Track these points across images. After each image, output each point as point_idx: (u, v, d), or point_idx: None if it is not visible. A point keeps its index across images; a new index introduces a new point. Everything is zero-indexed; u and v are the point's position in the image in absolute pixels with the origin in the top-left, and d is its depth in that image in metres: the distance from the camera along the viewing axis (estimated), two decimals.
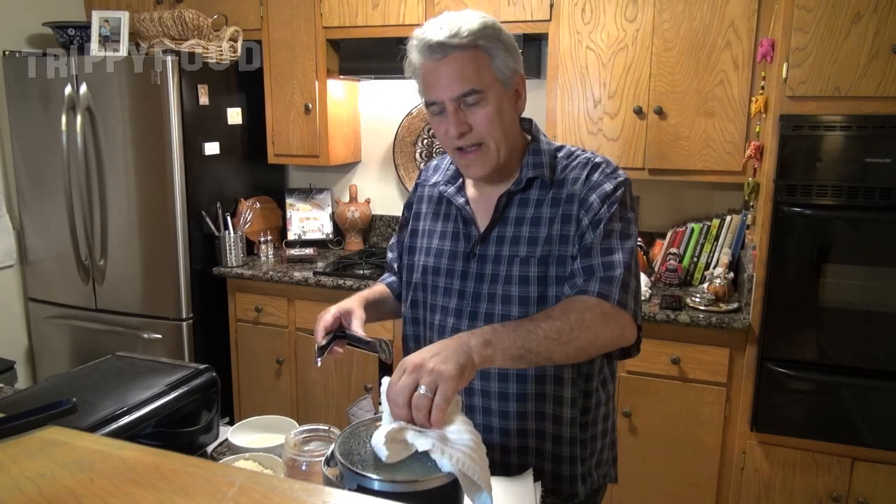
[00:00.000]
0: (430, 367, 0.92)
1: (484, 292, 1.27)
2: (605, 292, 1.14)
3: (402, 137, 3.26)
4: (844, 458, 2.22)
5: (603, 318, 1.13)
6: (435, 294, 1.33)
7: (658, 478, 2.49)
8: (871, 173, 2.05)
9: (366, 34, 2.88)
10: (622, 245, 1.20)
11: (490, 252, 1.27)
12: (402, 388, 0.92)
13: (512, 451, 1.30)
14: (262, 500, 0.66)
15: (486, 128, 1.20)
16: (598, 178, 1.24)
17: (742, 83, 2.41)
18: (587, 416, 1.32)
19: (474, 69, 1.16)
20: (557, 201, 1.24)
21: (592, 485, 1.35)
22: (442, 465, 0.87)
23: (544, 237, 1.23)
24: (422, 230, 1.39)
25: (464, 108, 1.19)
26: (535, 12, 2.61)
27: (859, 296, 2.17)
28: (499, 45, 1.18)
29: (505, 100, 1.21)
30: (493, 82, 1.19)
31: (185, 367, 1.33)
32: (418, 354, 0.96)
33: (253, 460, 1.18)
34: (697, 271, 2.70)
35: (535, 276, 1.23)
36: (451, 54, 1.16)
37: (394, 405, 0.93)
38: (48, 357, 3.25)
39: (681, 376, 2.40)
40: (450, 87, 1.17)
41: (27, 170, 3.08)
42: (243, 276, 2.98)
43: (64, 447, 0.77)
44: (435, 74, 1.18)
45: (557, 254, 1.22)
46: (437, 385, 0.92)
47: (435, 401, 0.91)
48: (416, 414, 0.91)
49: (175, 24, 2.87)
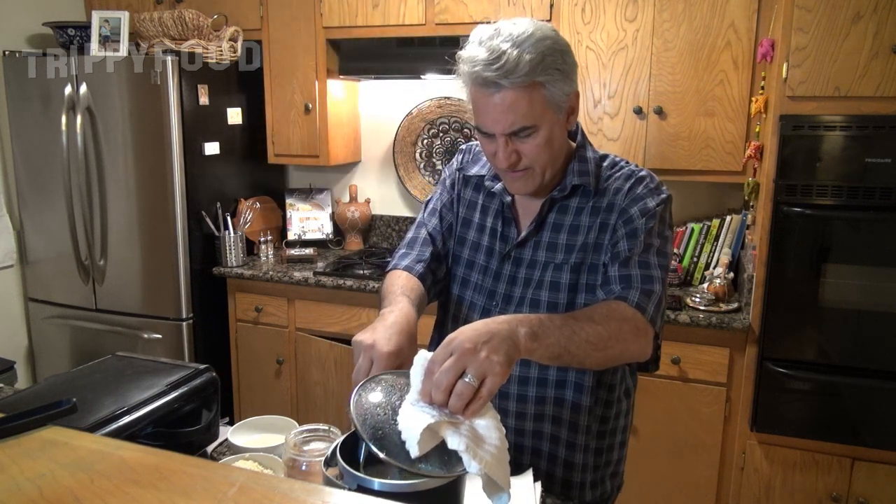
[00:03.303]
0: (483, 356, 0.87)
1: (516, 295, 1.26)
2: (643, 305, 1.12)
3: (402, 137, 3.26)
4: (844, 458, 2.22)
5: (636, 332, 1.11)
6: (465, 288, 1.32)
7: (658, 478, 2.49)
8: (871, 173, 2.05)
9: (366, 34, 2.88)
10: (659, 262, 1.19)
11: (526, 256, 1.26)
12: (447, 369, 0.87)
13: (525, 451, 1.29)
14: (262, 500, 0.66)
15: (535, 156, 1.17)
16: (641, 191, 1.22)
17: (742, 83, 2.41)
18: (605, 425, 1.30)
19: (528, 105, 1.10)
20: (597, 210, 1.23)
21: (604, 493, 1.34)
22: (470, 466, 0.84)
23: (580, 245, 1.22)
24: (468, 220, 1.35)
25: (514, 139, 1.15)
26: (535, 12, 2.60)
27: (859, 296, 2.17)
28: (557, 73, 1.11)
29: (556, 126, 1.17)
30: (546, 112, 1.13)
31: (185, 367, 1.32)
32: (468, 336, 0.89)
33: (253, 460, 1.18)
34: (697, 271, 2.70)
35: (566, 283, 1.22)
36: (502, 91, 1.09)
37: (435, 387, 0.87)
38: (48, 357, 3.25)
39: (681, 376, 2.40)
40: (501, 122, 1.13)
41: (27, 170, 3.08)
42: (243, 276, 2.98)
43: (64, 447, 0.77)
44: (485, 105, 1.13)
45: (591, 262, 1.21)
46: (485, 376, 0.87)
47: (481, 392, 0.86)
48: (454, 401, 0.86)
49: (175, 24, 2.87)
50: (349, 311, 2.84)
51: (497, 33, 1.10)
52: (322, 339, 2.89)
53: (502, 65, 1.07)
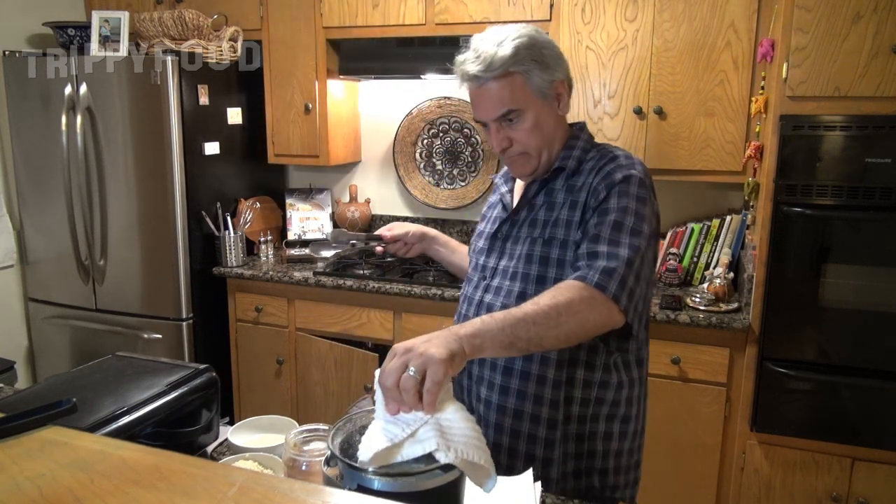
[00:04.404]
0: (420, 351, 0.93)
1: (499, 268, 1.38)
2: (602, 283, 1.16)
3: (402, 137, 3.26)
4: (844, 458, 2.22)
5: (591, 303, 1.15)
6: (473, 270, 1.47)
7: (658, 477, 2.49)
8: (871, 173, 2.05)
9: (366, 34, 2.88)
10: (630, 241, 1.21)
11: (513, 233, 1.38)
12: (391, 370, 0.92)
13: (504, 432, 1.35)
14: (262, 500, 0.66)
15: (526, 141, 1.32)
16: (610, 167, 1.30)
17: (742, 83, 2.41)
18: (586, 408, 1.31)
19: (510, 92, 1.28)
20: (572, 188, 1.33)
21: (590, 489, 1.34)
22: (446, 457, 0.85)
23: (553, 220, 1.32)
24: (481, 216, 1.56)
25: (505, 125, 1.32)
26: (535, 12, 2.60)
27: (859, 296, 2.17)
28: (532, 64, 1.27)
29: (544, 110, 1.32)
30: (530, 99, 1.30)
31: (185, 367, 1.33)
32: (407, 341, 0.97)
33: (253, 460, 1.18)
34: (697, 271, 2.70)
35: (537, 256, 1.32)
36: (486, 83, 1.28)
37: (383, 388, 0.92)
38: (48, 357, 3.25)
39: (681, 376, 2.40)
40: (489, 110, 1.31)
41: (27, 170, 3.08)
42: (243, 276, 2.98)
43: (64, 447, 0.77)
44: (477, 98, 1.32)
45: (562, 237, 1.30)
46: (426, 368, 0.91)
47: (425, 385, 0.90)
48: (404, 396, 0.90)
49: (175, 24, 2.87)
50: (349, 311, 2.84)
51: (483, 38, 1.30)
52: (322, 339, 2.90)
53: (482, 61, 1.27)
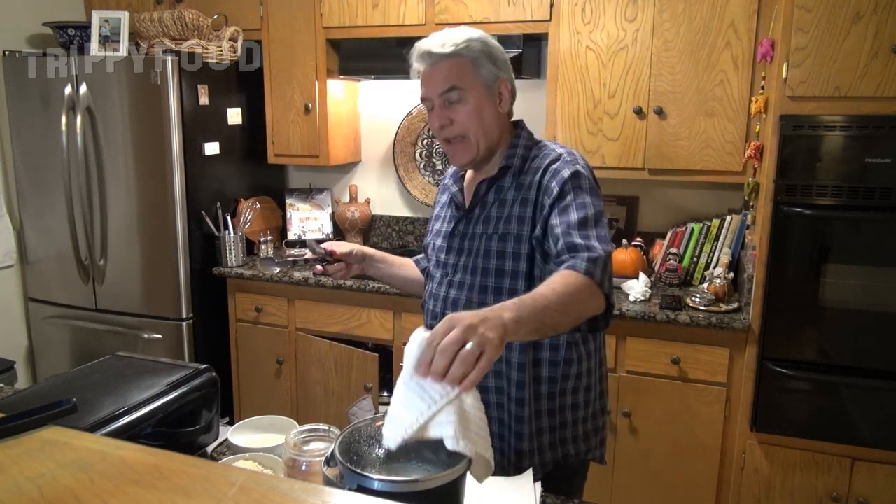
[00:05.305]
0: (481, 332, 0.95)
1: (460, 264, 1.47)
2: (591, 271, 1.25)
3: (402, 137, 3.26)
4: (844, 458, 2.22)
5: (590, 292, 1.24)
6: (435, 267, 1.55)
7: (658, 478, 2.49)
8: (871, 173, 2.05)
9: (366, 34, 2.88)
10: (597, 232, 1.32)
11: (469, 230, 1.47)
12: (453, 341, 0.93)
13: None
14: (262, 500, 0.66)
15: (466, 123, 1.41)
16: (556, 166, 1.40)
17: (742, 83, 2.41)
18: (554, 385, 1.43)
19: (457, 73, 1.39)
20: (521, 186, 1.43)
21: (566, 457, 1.46)
22: (459, 448, 0.87)
23: (505, 216, 1.42)
24: (434, 216, 1.63)
25: (448, 104, 1.41)
26: (535, 12, 2.60)
27: (859, 296, 2.17)
28: (481, 55, 1.40)
29: (486, 101, 1.42)
30: (475, 85, 1.40)
31: (184, 367, 1.33)
32: (467, 315, 0.98)
33: (253, 460, 1.18)
34: (697, 271, 2.70)
35: (494, 251, 1.42)
36: (438, 62, 1.40)
37: (440, 353, 0.93)
38: (48, 357, 3.25)
39: (681, 376, 2.40)
40: (436, 85, 1.41)
41: (27, 170, 3.08)
42: (243, 276, 2.98)
43: (64, 447, 0.77)
44: (427, 77, 1.43)
45: (515, 232, 1.40)
46: (483, 349, 0.94)
47: (479, 364, 0.93)
48: (457, 367, 0.92)
49: (175, 24, 2.87)
50: (349, 311, 2.84)
51: (441, 32, 1.43)
52: (322, 339, 2.90)
53: (438, 41, 1.40)
